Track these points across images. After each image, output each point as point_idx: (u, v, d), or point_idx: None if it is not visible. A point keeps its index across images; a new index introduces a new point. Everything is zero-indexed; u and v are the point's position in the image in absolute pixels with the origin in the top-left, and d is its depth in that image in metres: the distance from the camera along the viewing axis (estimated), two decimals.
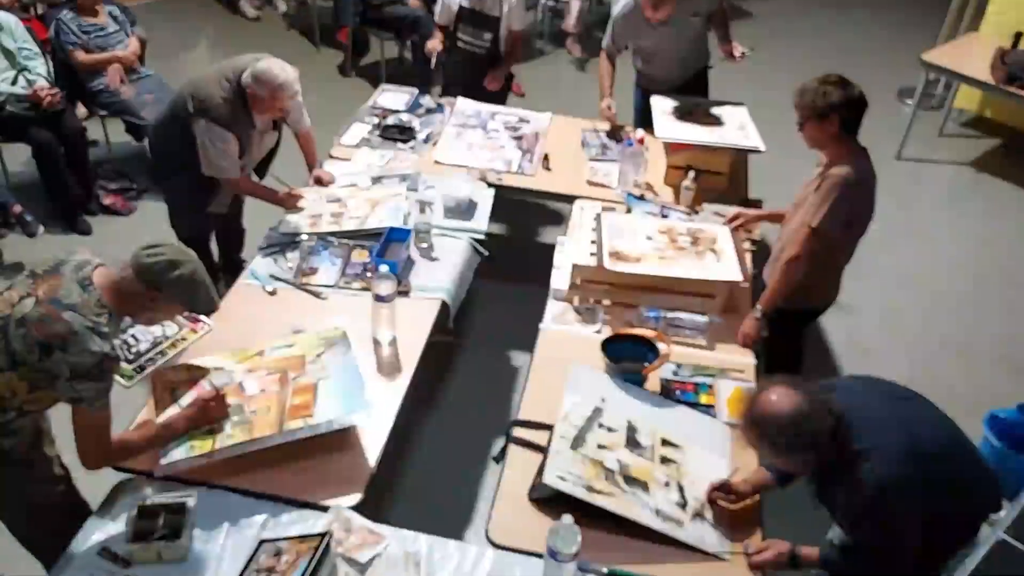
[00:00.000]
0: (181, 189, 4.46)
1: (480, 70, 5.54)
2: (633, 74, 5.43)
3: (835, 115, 3.48)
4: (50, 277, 2.71)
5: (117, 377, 3.11)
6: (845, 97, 3.47)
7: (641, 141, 4.66)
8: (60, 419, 2.84)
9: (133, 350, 3.46)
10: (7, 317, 2.63)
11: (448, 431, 4.53)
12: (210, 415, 3.01)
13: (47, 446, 3.06)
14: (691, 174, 4.45)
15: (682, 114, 4.77)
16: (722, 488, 3.02)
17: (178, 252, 2.79)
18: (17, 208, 5.27)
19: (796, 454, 2.60)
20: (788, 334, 3.98)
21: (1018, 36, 6.36)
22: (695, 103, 4.90)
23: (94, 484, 3.70)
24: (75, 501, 3.19)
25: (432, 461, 4.36)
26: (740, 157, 4.74)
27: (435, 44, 5.54)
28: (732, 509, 3.03)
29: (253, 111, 4.16)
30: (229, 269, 4.95)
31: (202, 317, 3.58)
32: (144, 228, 5.81)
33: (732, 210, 4.26)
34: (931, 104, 7.65)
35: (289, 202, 4.36)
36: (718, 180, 4.61)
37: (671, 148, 4.63)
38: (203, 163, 4.18)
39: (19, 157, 6.11)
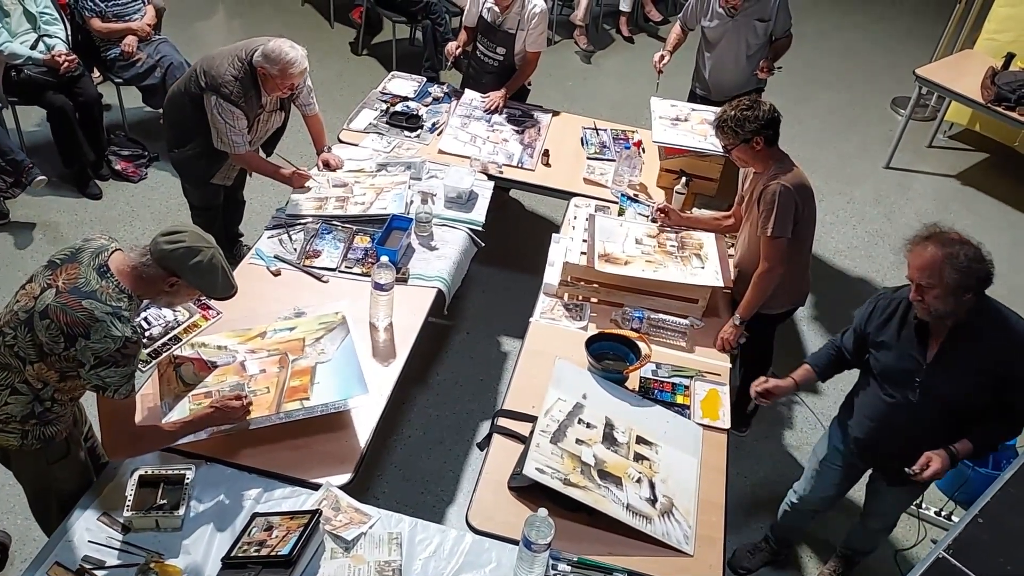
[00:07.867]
0: (188, 158, 4.59)
1: (491, 81, 5.55)
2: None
3: (758, 136, 3.77)
4: (68, 266, 2.77)
5: None
6: (761, 119, 3.75)
7: (639, 144, 4.80)
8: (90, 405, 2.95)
9: (146, 334, 3.53)
10: (31, 310, 2.70)
11: (437, 412, 4.69)
12: (231, 416, 3.09)
13: (78, 431, 3.14)
14: (683, 179, 4.63)
15: (678, 120, 4.92)
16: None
17: (197, 238, 2.84)
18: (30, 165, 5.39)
19: (964, 284, 2.82)
20: (762, 335, 4.21)
21: (1010, 57, 6.48)
22: (691, 108, 5.04)
23: None
24: (91, 481, 3.22)
25: (420, 441, 4.52)
26: (731, 164, 4.89)
27: (451, 48, 5.52)
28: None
29: (263, 89, 4.30)
30: (227, 238, 5.14)
31: (212, 304, 3.70)
32: (153, 195, 5.97)
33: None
34: (924, 115, 7.79)
35: (296, 180, 4.52)
36: (708, 185, 4.79)
37: (665, 152, 4.79)
38: (214, 137, 4.34)
39: (33, 118, 6.24)
